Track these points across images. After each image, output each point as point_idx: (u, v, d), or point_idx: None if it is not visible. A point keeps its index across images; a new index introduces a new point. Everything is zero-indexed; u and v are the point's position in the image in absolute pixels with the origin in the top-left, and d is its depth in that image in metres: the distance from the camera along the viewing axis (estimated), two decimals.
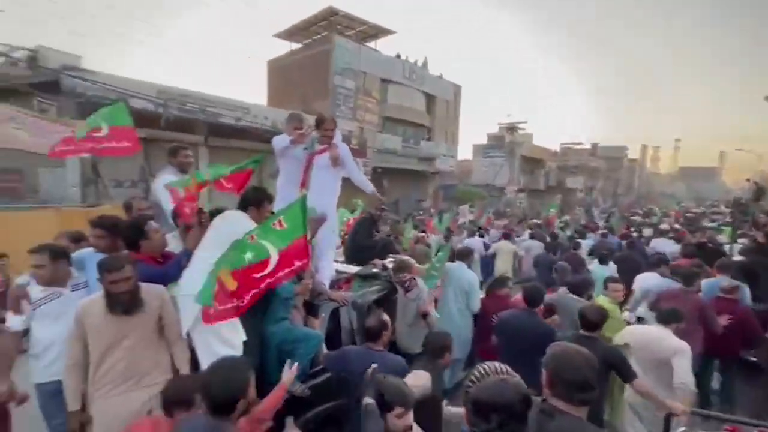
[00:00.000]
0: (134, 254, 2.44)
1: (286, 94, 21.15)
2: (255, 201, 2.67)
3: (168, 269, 2.44)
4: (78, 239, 3.03)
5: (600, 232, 9.36)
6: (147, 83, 13.31)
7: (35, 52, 11.64)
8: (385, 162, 21.36)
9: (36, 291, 2.46)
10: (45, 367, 2.40)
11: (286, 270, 2.23)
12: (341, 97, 20.02)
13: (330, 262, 3.61)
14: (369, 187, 3.80)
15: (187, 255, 2.38)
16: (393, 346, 3.11)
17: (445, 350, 2.59)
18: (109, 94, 12.04)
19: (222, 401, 1.60)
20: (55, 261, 2.44)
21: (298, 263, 2.25)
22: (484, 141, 35.38)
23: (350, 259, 4.27)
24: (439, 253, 3.90)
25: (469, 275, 4.15)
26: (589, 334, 2.76)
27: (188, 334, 2.30)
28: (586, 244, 7.37)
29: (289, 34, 22.39)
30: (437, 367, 2.55)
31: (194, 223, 2.53)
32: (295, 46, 22.79)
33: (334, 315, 3.21)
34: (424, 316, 3.37)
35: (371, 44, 23.30)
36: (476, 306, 4.07)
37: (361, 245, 4.27)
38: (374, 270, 3.83)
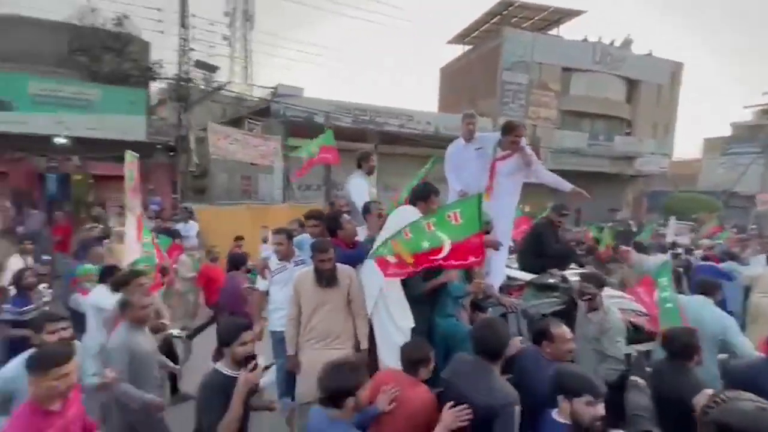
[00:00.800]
0: (332, 240, 3.14)
1: (456, 98, 21.21)
2: (423, 195, 3.00)
3: (357, 252, 3.04)
4: (301, 226, 3.78)
5: None
6: (327, 101, 15.58)
7: (275, 89, 15.21)
8: (563, 164, 18.67)
9: (274, 263, 3.32)
10: (277, 319, 3.15)
11: (459, 262, 2.44)
12: (510, 93, 18.65)
13: (501, 266, 3.62)
14: (565, 184, 3.57)
15: (370, 241, 2.94)
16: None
17: (694, 350, 2.32)
18: (300, 113, 14.80)
19: (492, 349, 2.03)
20: (289, 241, 3.28)
21: (472, 259, 2.42)
22: (726, 134, 26.37)
23: (524, 266, 4.02)
24: (663, 286, 3.05)
25: (719, 315, 3.11)
26: None
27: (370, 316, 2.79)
28: None
29: (461, 38, 22.42)
30: (686, 369, 2.28)
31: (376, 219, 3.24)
32: (469, 48, 22.56)
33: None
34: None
35: (553, 31, 20.79)
36: (746, 349, 3.00)
37: (539, 252, 3.98)
38: (551, 280, 3.55)
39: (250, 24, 26.00)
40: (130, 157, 4.21)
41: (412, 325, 2.60)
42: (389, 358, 2.52)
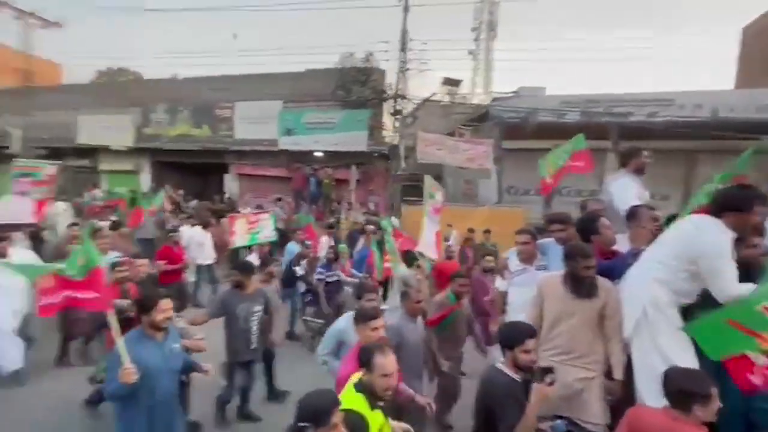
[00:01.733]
0: None
1: (765, 64, 14.65)
2: (737, 203, 2.14)
3: (615, 264, 2.63)
4: (541, 231, 3.68)
5: None
6: (551, 96, 14.20)
7: (517, 92, 15.29)
8: None
9: (513, 264, 3.30)
10: None
11: None
12: None
13: None
14: None
15: (634, 254, 2.54)
16: None
17: None
18: (518, 114, 14.15)
19: None
20: (534, 240, 3.25)
21: None
22: None
23: None
24: None
25: None
26: None
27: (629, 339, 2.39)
28: None
29: None
30: None
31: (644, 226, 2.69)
32: None
33: None
34: None
35: None
36: None
37: None
38: None
39: (494, 33, 26.65)
40: (430, 182, 4.85)
41: (694, 365, 2.04)
42: (650, 394, 2.10)
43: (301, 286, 6.05)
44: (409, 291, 2.96)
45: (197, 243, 7.02)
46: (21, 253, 4.52)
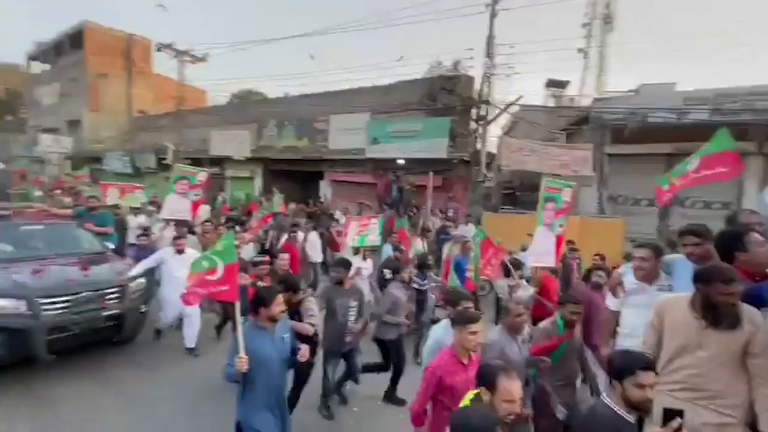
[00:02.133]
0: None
1: None
2: None
3: (763, 289, 2.23)
4: (672, 246, 3.37)
5: None
6: (674, 93, 12.49)
7: (638, 90, 13.87)
8: None
9: (629, 281, 2.93)
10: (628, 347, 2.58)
11: None
12: None
13: None
14: None
15: None
16: None
17: None
18: (624, 115, 12.66)
19: None
20: (656, 257, 2.82)
21: None
22: None
23: None
24: None
25: None
26: None
27: None
28: None
29: None
30: None
31: None
32: None
33: None
34: None
35: None
36: None
37: None
38: None
39: (610, 27, 24.20)
40: (549, 182, 4.49)
41: None
42: None
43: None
44: (508, 305, 2.78)
45: (311, 243, 8.07)
46: (191, 251, 5.37)
